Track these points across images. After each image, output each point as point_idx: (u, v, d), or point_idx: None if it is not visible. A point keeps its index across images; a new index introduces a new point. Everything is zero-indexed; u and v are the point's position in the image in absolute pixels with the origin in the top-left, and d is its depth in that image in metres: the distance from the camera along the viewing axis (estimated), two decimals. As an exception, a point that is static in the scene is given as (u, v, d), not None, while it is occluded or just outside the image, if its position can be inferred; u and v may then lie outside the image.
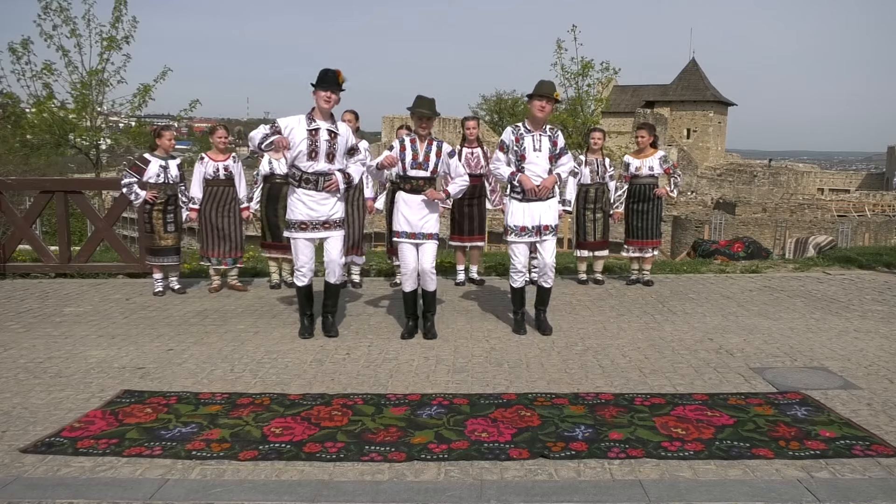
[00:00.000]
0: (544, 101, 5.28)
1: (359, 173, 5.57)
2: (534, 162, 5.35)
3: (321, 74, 5.15)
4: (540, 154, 5.36)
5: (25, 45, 14.74)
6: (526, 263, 5.54)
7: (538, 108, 5.30)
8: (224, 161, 7.07)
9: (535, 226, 5.40)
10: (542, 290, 5.63)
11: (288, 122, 5.21)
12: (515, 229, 5.43)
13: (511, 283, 5.63)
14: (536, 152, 5.35)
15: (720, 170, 59.54)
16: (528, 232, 5.41)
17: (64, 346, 5.29)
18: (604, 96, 22.37)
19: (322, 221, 5.33)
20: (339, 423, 3.74)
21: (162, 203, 6.94)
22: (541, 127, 5.40)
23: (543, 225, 5.40)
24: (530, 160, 5.35)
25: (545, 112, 5.33)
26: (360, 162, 5.59)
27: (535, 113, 5.32)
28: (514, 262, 5.52)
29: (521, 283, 5.57)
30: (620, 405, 3.98)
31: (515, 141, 5.38)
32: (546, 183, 5.33)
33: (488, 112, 68.40)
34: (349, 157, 5.44)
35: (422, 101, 5.27)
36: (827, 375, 4.55)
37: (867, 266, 8.64)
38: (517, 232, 5.43)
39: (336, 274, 5.52)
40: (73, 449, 3.44)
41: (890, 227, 30.49)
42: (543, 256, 5.49)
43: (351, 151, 5.44)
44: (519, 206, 5.41)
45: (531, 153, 5.35)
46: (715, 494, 3.00)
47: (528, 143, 5.35)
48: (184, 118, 18.11)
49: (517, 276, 5.55)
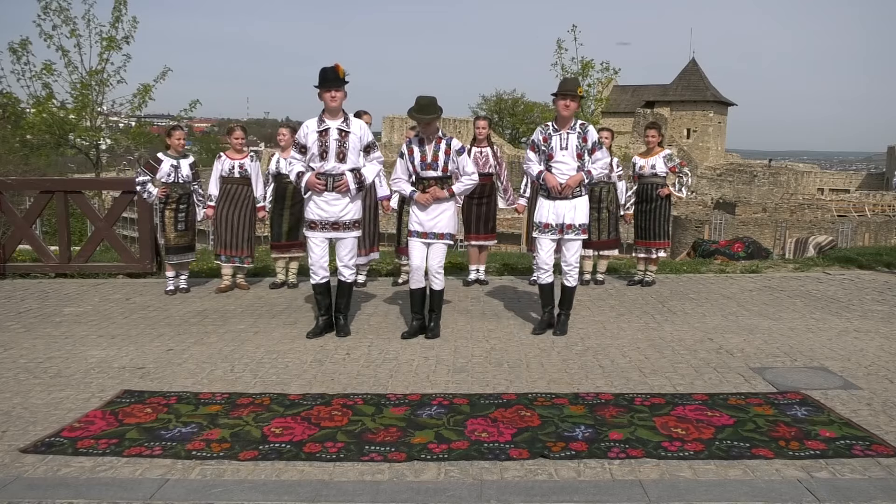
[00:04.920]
0: (568, 98, 5.33)
1: (373, 173, 5.52)
2: (560, 160, 5.41)
3: (321, 74, 5.16)
4: (567, 153, 5.41)
5: (25, 45, 14.74)
6: (549, 260, 5.57)
7: (563, 106, 5.35)
8: (241, 160, 7.14)
9: (558, 224, 5.45)
10: (564, 290, 5.66)
11: (305, 125, 5.33)
12: (540, 225, 5.54)
13: (536, 280, 5.76)
14: (563, 151, 5.41)
15: (720, 170, 59.53)
16: (552, 229, 5.47)
17: (64, 346, 5.29)
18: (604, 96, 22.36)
19: (332, 222, 5.34)
20: (339, 423, 3.74)
21: (174, 202, 7.00)
22: (568, 125, 5.44)
23: (567, 224, 5.43)
24: (557, 159, 5.42)
25: (570, 110, 5.38)
26: (377, 160, 5.57)
27: (561, 111, 5.38)
28: (536, 260, 5.64)
29: (545, 279, 5.62)
30: (620, 405, 3.98)
31: (543, 141, 5.46)
32: (570, 181, 5.36)
33: (488, 112, 68.46)
34: (366, 156, 5.43)
35: (420, 105, 5.24)
36: (827, 375, 4.55)
37: (867, 266, 8.64)
38: (541, 228, 5.53)
39: (345, 275, 5.53)
40: (73, 449, 3.44)
41: (890, 227, 30.49)
42: (566, 255, 5.53)
43: (367, 149, 5.42)
44: (546, 204, 5.50)
45: (558, 152, 5.41)
46: (715, 494, 3.00)
47: (555, 142, 5.42)
48: (184, 118, 18.10)
49: (541, 274, 5.62)
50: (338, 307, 5.59)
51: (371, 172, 5.48)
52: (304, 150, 5.29)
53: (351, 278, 5.61)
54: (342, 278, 5.56)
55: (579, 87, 5.47)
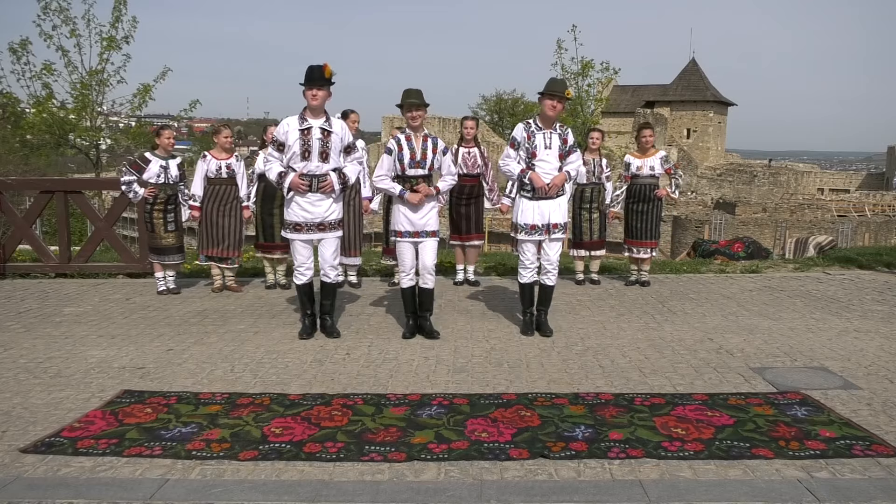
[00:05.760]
0: (555, 99, 5.30)
1: (355, 173, 5.49)
2: (544, 160, 5.37)
3: (308, 72, 5.13)
4: (550, 152, 5.37)
5: (25, 45, 14.74)
6: (534, 261, 5.54)
7: (549, 106, 5.31)
8: (227, 160, 7.08)
9: (544, 224, 5.41)
10: (544, 289, 5.62)
11: (285, 122, 5.25)
12: (525, 227, 5.44)
13: (519, 280, 5.63)
14: (547, 150, 5.37)
15: (720, 170, 59.55)
16: (538, 230, 5.43)
17: (64, 346, 5.29)
18: (604, 96, 22.40)
19: (317, 223, 5.31)
20: (339, 423, 3.74)
21: (162, 202, 6.97)
22: (552, 125, 5.42)
23: (553, 223, 5.41)
24: (541, 157, 5.37)
25: (556, 110, 5.35)
26: (357, 161, 5.56)
27: (547, 111, 5.34)
28: (521, 260, 5.55)
29: (528, 279, 5.57)
30: (620, 405, 3.98)
31: (527, 138, 5.41)
32: (556, 181, 5.34)
33: (488, 112, 68.42)
34: (346, 156, 5.40)
35: (409, 92, 5.28)
36: (827, 375, 4.55)
37: (867, 266, 8.64)
38: (527, 230, 5.44)
39: (330, 275, 5.52)
40: (73, 449, 3.44)
41: (890, 227, 30.51)
42: (548, 254, 5.49)
43: (347, 150, 5.38)
44: (529, 205, 5.42)
45: (542, 151, 5.37)
46: (715, 494, 3.00)
47: (539, 140, 5.38)
48: (184, 118, 18.11)
49: (525, 273, 5.56)
50: (323, 308, 5.57)
51: (353, 172, 5.43)
52: (281, 147, 5.21)
53: (336, 279, 5.60)
54: (327, 279, 5.53)
55: (567, 90, 5.43)
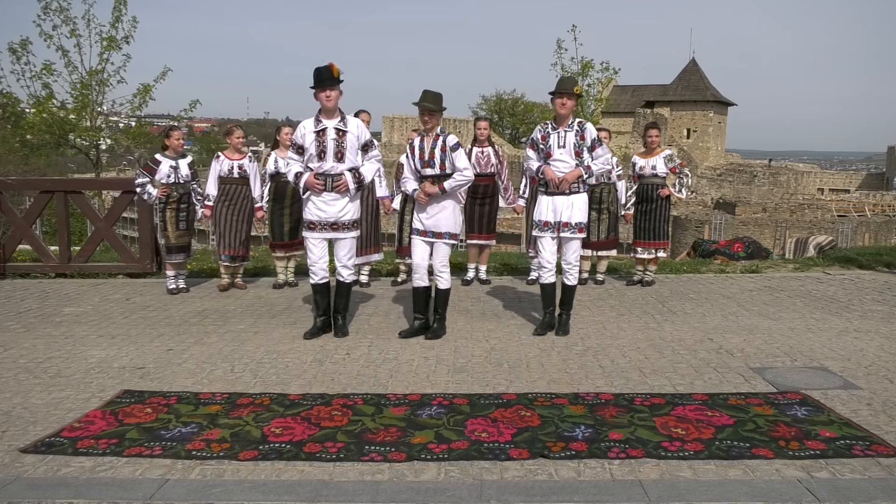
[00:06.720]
0: (564, 97, 5.37)
1: (373, 171, 5.54)
2: (559, 158, 5.43)
3: (316, 74, 5.17)
4: (564, 150, 5.43)
5: (25, 45, 14.74)
6: (552, 259, 5.56)
7: (559, 104, 5.39)
8: (240, 160, 7.16)
9: (556, 221, 5.45)
10: (565, 289, 5.66)
11: (301, 125, 5.34)
12: (539, 224, 5.55)
13: (538, 279, 5.74)
14: (561, 149, 5.43)
15: (720, 170, 59.55)
16: (551, 227, 5.48)
17: (64, 346, 5.29)
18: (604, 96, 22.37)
19: (331, 223, 5.34)
20: (339, 423, 3.74)
21: (175, 201, 7.03)
22: (566, 123, 5.46)
23: (563, 221, 5.43)
24: (555, 157, 5.44)
25: (567, 108, 5.41)
26: (375, 159, 5.60)
27: (558, 109, 5.42)
28: (539, 258, 5.63)
29: (548, 279, 5.60)
30: (620, 405, 3.98)
31: (542, 139, 5.49)
32: (568, 176, 5.37)
33: (488, 112, 68.49)
34: (363, 154, 5.44)
35: (426, 95, 5.30)
36: (827, 375, 4.55)
37: (867, 266, 8.63)
38: (540, 226, 5.54)
39: (343, 275, 5.53)
40: (73, 449, 3.44)
41: (890, 227, 30.50)
42: (566, 254, 5.53)
43: (364, 148, 5.44)
44: (544, 201, 5.51)
45: (556, 150, 5.44)
46: (715, 494, 3.00)
47: (552, 140, 5.45)
48: (184, 118, 18.10)
49: (544, 273, 5.60)
50: (336, 307, 5.59)
51: (369, 171, 5.48)
52: (301, 150, 5.31)
53: (350, 279, 5.61)
54: (340, 279, 5.56)
55: (577, 86, 5.49)
